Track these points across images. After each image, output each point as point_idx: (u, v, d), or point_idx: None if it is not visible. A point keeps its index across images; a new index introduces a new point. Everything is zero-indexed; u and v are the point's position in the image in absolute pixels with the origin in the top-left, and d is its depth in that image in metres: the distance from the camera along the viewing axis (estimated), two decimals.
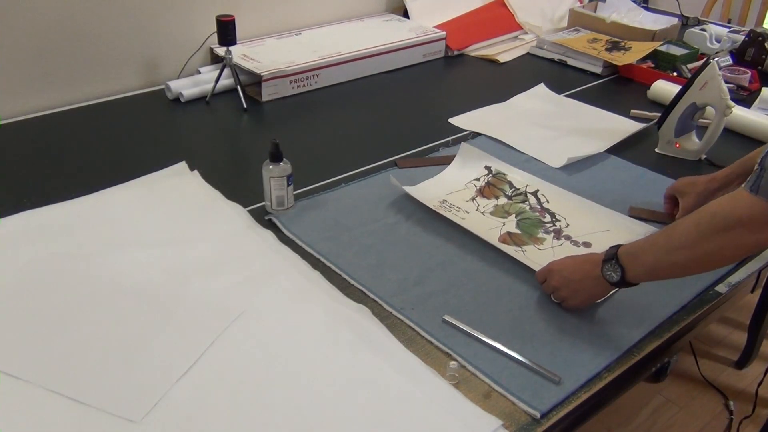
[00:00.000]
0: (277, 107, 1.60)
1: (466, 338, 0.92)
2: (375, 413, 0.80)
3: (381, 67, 1.81)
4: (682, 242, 0.86)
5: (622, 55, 1.84)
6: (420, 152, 1.40)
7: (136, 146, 1.39)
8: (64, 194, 1.19)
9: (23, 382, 0.82)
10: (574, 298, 0.96)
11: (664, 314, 0.98)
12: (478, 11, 2.13)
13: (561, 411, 0.83)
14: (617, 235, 1.13)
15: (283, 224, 1.13)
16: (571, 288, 0.96)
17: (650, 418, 1.78)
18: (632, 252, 0.90)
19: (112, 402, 0.80)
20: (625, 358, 0.91)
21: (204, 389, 0.82)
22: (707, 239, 0.83)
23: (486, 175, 1.29)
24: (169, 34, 1.65)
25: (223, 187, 1.23)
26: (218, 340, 0.89)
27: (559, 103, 1.66)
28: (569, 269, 0.97)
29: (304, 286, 1.00)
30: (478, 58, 1.95)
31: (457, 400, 0.82)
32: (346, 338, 0.90)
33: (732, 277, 1.07)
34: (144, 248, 1.06)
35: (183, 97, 1.57)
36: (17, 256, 1.03)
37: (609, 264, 0.91)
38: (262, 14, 1.81)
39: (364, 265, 1.05)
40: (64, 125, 1.46)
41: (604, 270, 0.92)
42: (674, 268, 0.88)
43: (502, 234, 1.12)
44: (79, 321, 0.92)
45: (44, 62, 1.49)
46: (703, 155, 1.40)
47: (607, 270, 0.92)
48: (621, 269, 0.90)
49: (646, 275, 0.91)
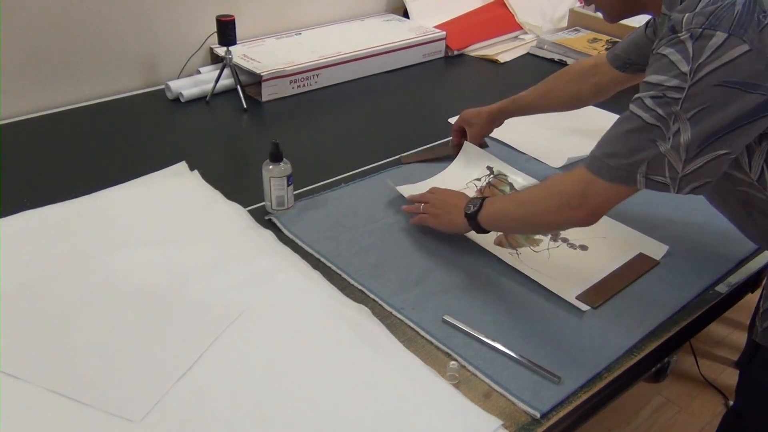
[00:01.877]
0: (277, 107, 1.60)
1: (466, 338, 0.92)
2: (375, 413, 0.80)
3: (381, 67, 1.81)
4: (524, 199, 0.99)
5: None
6: (420, 152, 1.40)
7: (136, 146, 1.39)
8: (64, 194, 1.18)
9: (23, 382, 0.82)
10: (437, 216, 1.08)
11: (664, 314, 0.98)
12: (478, 11, 2.13)
13: (561, 411, 0.83)
14: (613, 241, 1.13)
15: (283, 224, 1.13)
16: (438, 207, 1.09)
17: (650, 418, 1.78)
18: (494, 198, 1.02)
19: (112, 402, 0.80)
20: (625, 358, 0.91)
21: (204, 389, 0.82)
22: (541, 202, 0.94)
23: (487, 176, 1.29)
24: (169, 34, 1.65)
25: (223, 187, 1.23)
26: (218, 340, 0.89)
27: None
28: (447, 193, 1.12)
29: (304, 286, 0.99)
30: (478, 58, 1.95)
31: (457, 400, 0.82)
32: (346, 338, 0.90)
33: (732, 277, 1.07)
34: (144, 248, 1.06)
35: (183, 97, 1.57)
36: (17, 256, 1.03)
37: (474, 200, 1.02)
38: (262, 14, 1.81)
39: (364, 265, 1.05)
40: (64, 125, 1.46)
41: (467, 202, 1.02)
42: (511, 220, 1.00)
43: (498, 235, 1.12)
44: (79, 321, 0.92)
45: (44, 62, 1.49)
46: None
47: (469, 203, 1.02)
48: (479, 208, 1.00)
49: (491, 218, 1.00)
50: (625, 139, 0.83)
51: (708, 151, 0.79)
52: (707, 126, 0.78)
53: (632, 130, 0.83)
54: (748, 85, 0.75)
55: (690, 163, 0.80)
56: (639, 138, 0.82)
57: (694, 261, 1.10)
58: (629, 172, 0.83)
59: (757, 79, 0.75)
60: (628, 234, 1.14)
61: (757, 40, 0.74)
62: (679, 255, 1.10)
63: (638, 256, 1.09)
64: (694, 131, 0.78)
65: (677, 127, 0.79)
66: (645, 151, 0.81)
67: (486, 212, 1.00)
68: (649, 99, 0.81)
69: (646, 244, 1.12)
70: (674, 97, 0.78)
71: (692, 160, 0.80)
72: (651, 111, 0.80)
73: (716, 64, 0.75)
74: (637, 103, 0.83)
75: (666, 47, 0.79)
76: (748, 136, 0.80)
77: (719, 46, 0.75)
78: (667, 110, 0.79)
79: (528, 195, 0.99)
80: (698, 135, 0.78)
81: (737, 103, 0.76)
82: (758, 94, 0.76)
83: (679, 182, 0.82)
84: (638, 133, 0.82)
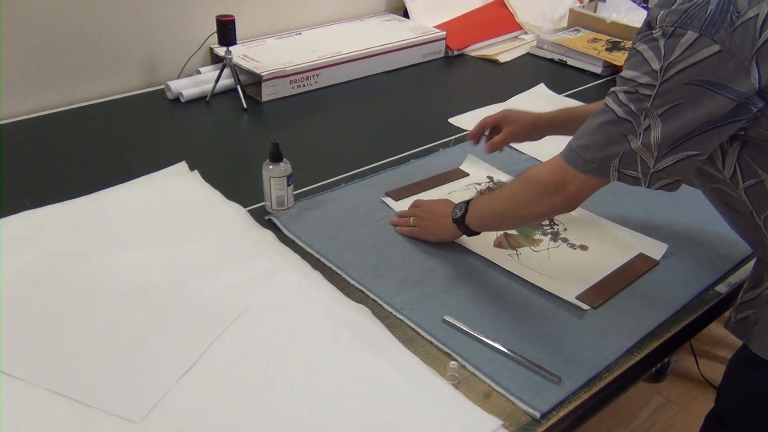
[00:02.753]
0: (277, 107, 1.60)
1: (466, 338, 0.92)
2: (375, 413, 0.80)
3: (381, 67, 1.81)
4: (506, 194, 1.00)
5: (622, 55, 1.84)
6: (420, 152, 1.40)
7: (136, 146, 1.39)
8: (64, 194, 1.18)
9: (23, 382, 0.82)
10: (426, 228, 1.09)
11: (664, 314, 0.98)
12: (478, 11, 2.13)
13: (561, 411, 0.83)
14: (613, 241, 1.13)
15: (283, 224, 1.13)
16: (426, 218, 1.10)
17: (650, 418, 1.78)
18: (478, 199, 1.03)
19: (112, 402, 0.80)
20: (625, 358, 0.91)
21: (204, 389, 0.82)
22: (521, 193, 0.96)
23: (488, 182, 1.29)
24: (169, 34, 1.65)
25: (223, 187, 1.23)
26: (218, 340, 0.89)
27: (559, 103, 1.66)
28: (434, 203, 1.13)
29: (304, 286, 1.00)
30: (478, 58, 1.95)
31: (457, 400, 0.82)
32: (346, 338, 0.90)
33: (732, 277, 1.08)
34: (144, 248, 1.06)
35: (183, 97, 1.57)
36: (17, 256, 1.03)
37: (459, 204, 1.04)
38: (262, 14, 1.81)
39: (364, 265, 1.05)
40: (64, 125, 1.46)
41: (454, 208, 1.04)
42: (496, 216, 1.01)
43: (498, 235, 1.12)
44: (79, 321, 0.92)
45: (44, 62, 1.49)
46: None
47: (455, 209, 1.04)
48: (465, 211, 1.02)
49: (478, 219, 1.02)
50: (599, 132, 0.85)
51: (679, 150, 0.80)
52: (678, 124, 0.78)
53: (605, 123, 0.84)
54: (718, 85, 0.75)
55: (661, 160, 0.81)
56: (611, 131, 0.83)
57: (694, 261, 1.10)
58: (603, 165, 0.85)
59: (728, 81, 0.75)
60: (628, 234, 1.14)
61: (728, 41, 0.74)
62: (679, 255, 1.10)
63: (638, 256, 1.10)
64: (665, 128, 0.79)
65: (648, 123, 0.80)
66: (617, 145, 0.83)
67: (472, 213, 1.01)
68: (623, 94, 0.82)
69: (646, 244, 1.12)
70: (645, 93, 0.79)
71: (663, 158, 0.81)
72: (624, 106, 0.81)
73: (686, 63, 0.75)
74: (612, 97, 0.84)
75: (641, 43, 0.80)
76: (718, 138, 0.81)
77: (689, 45, 0.75)
78: (639, 106, 0.80)
79: (509, 189, 1.00)
80: (669, 132, 0.79)
81: (707, 103, 0.76)
82: (728, 98, 0.76)
83: (650, 178, 0.83)
84: (611, 126, 0.83)
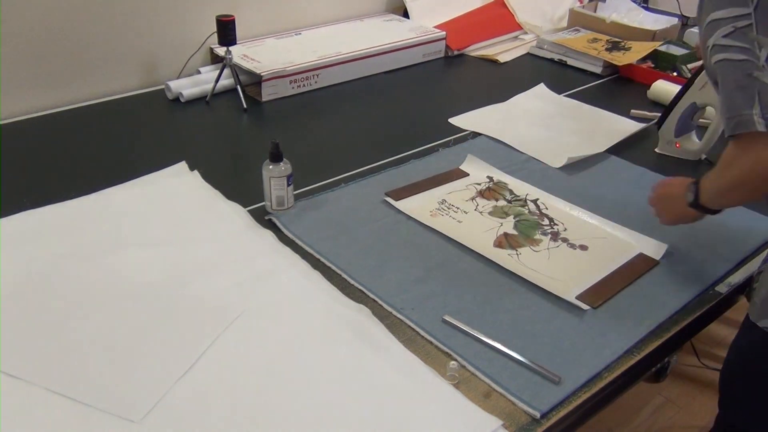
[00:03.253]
0: (277, 107, 1.60)
1: (466, 338, 0.92)
2: (375, 413, 0.80)
3: (381, 67, 1.81)
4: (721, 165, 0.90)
5: (622, 55, 1.84)
6: (420, 152, 1.40)
7: (136, 146, 1.39)
8: (64, 194, 1.19)
9: (23, 382, 0.82)
10: (663, 215, 1.06)
11: (664, 314, 0.98)
12: (478, 11, 2.13)
13: (561, 411, 0.83)
14: (613, 241, 1.13)
15: (283, 224, 1.13)
16: (662, 204, 1.06)
17: (650, 418, 1.78)
18: (705, 177, 0.95)
19: (112, 402, 0.80)
20: (625, 358, 0.91)
21: (204, 389, 0.82)
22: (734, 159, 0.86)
23: (487, 182, 1.29)
24: (169, 34, 1.65)
25: (223, 187, 1.23)
26: (218, 340, 0.89)
27: (559, 103, 1.66)
28: (667, 186, 1.06)
29: (304, 286, 1.00)
30: (478, 58, 1.95)
31: (457, 400, 0.82)
32: (346, 338, 0.90)
33: (732, 277, 1.07)
34: (144, 248, 1.06)
35: (183, 97, 1.57)
36: (17, 256, 1.03)
37: (690, 185, 0.97)
38: (262, 14, 1.81)
39: (364, 265, 1.05)
40: (64, 125, 1.46)
41: (686, 191, 0.98)
42: (722, 191, 0.92)
43: (498, 236, 1.12)
44: (79, 321, 0.92)
45: (44, 62, 1.49)
46: (703, 155, 1.40)
47: (687, 191, 0.98)
48: (696, 191, 0.96)
49: (711, 197, 0.95)
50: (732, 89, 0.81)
51: None
52: None
53: (728, 76, 0.80)
54: None
55: None
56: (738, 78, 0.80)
57: (694, 261, 1.10)
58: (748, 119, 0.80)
59: None
60: (628, 234, 1.14)
61: None
62: (679, 255, 1.10)
63: (638, 256, 1.10)
64: None
65: (766, 53, 0.77)
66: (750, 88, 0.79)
67: (704, 195, 0.96)
68: (722, 39, 0.79)
69: (646, 244, 1.12)
70: (746, 24, 0.77)
71: None
72: (731, 48, 0.79)
73: None
74: (715, 51, 0.81)
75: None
76: None
77: None
78: (745, 39, 0.78)
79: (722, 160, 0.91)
80: None
81: None
82: None
83: None
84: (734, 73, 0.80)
